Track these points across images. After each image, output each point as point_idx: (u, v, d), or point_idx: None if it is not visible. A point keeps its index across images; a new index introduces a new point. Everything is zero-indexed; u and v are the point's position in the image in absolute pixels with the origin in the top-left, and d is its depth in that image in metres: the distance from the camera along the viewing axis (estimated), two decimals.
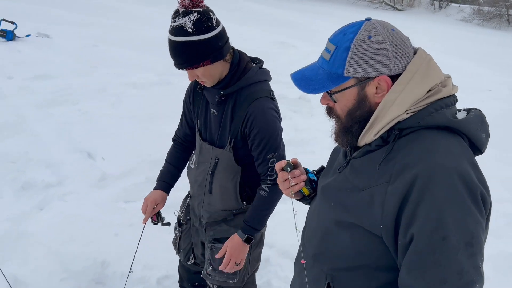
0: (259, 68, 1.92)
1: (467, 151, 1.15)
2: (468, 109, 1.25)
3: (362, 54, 1.15)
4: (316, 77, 1.22)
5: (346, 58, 1.16)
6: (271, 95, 1.90)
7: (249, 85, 1.87)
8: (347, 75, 1.17)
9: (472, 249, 1.06)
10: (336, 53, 1.18)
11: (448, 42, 13.43)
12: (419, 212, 1.07)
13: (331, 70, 1.19)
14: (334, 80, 1.19)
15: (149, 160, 4.29)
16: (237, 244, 1.94)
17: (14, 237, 3.04)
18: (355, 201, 1.20)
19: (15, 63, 6.50)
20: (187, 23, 1.69)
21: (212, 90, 1.88)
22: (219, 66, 1.81)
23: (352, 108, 1.22)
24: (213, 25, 1.72)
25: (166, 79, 6.84)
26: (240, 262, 1.97)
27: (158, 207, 2.15)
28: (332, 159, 1.46)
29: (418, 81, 1.16)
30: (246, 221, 1.94)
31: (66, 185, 3.77)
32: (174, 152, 2.22)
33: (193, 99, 2.05)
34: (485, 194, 1.10)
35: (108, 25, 10.13)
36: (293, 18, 15.03)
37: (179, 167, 2.22)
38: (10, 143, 4.19)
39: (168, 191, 2.18)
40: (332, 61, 1.19)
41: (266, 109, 1.85)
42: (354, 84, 1.19)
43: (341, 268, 1.26)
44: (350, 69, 1.16)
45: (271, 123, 1.86)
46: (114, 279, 2.80)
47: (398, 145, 1.17)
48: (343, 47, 1.17)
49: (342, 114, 1.25)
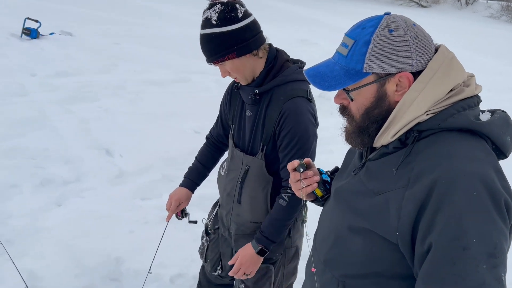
0: (298, 68, 1.82)
1: (491, 155, 1.07)
2: (492, 110, 1.16)
3: (383, 49, 1.09)
4: (332, 73, 1.14)
5: (365, 53, 1.09)
6: (309, 96, 1.77)
7: (286, 84, 1.76)
8: (366, 71, 1.10)
9: (494, 260, 0.98)
10: (354, 48, 1.11)
11: (475, 40, 13.11)
12: (438, 220, 1.00)
13: (348, 66, 1.12)
14: (352, 77, 1.11)
15: (166, 157, 4.30)
16: (248, 255, 1.83)
17: (32, 232, 3.08)
18: (370, 206, 1.14)
19: (38, 60, 6.61)
20: (212, 15, 1.66)
21: (247, 88, 1.80)
22: (249, 61, 1.73)
23: (370, 106, 1.14)
24: (238, 17, 1.66)
25: (185, 77, 6.86)
26: (250, 273, 1.86)
27: (182, 205, 2.13)
28: (347, 160, 1.40)
29: (439, 80, 1.09)
30: (261, 231, 1.82)
31: (83, 181, 3.80)
32: (205, 151, 2.18)
33: (230, 100, 1.98)
34: (509, 201, 1.02)
35: (130, 23, 10.24)
36: (315, 16, 14.92)
37: (208, 166, 2.18)
38: (30, 139, 4.25)
39: (193, 189, 2.15)
40: (350, 56, 1.11)
41: (302, 109, 1.72)
42: (374, 81, 1.11)
43: (353, 274, 1.20)
44: (370, 64, 1.09)
45: (304, 125, 1.72)
46: (128, 276, 2.80)
47: (417, 148, 1.10)
48: (362, 41, 1.10)
49: (358, 113, 1.17)
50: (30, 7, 9.84)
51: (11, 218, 3.19)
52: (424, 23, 1.32)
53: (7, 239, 2.94)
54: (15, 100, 5.10)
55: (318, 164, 1.58)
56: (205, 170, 2.17)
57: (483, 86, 1.22)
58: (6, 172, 3.67)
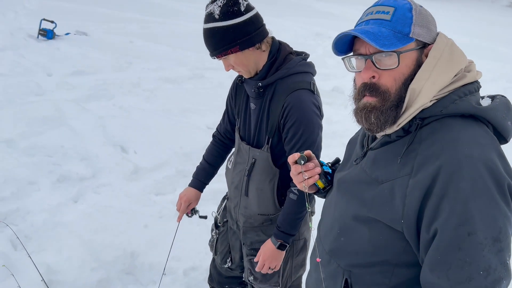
0: (302, 60, 1.82)
1: (494, 140, 1.08)
2: (492, 96, 1.17)
3: (423, 18, 1.11)
4: (382, 34, 1.08)
5: (412, 18, 1.09)
6: (312, 88, 1.77)
7: (289, 76, 1.76)
8: (412, 36, 1.09)
9: (499, 245, 0.99)
10: (398, 13, 1.10)
11: (495, 29, 12.84)
12: (443, 206, 1.00)
13: (395, 29, 1.09)
14: (401, 39, 1.08)
15: (180, 153, 4.34)
16: (270, 251, 1.87)
17: (50, 228, 3.14)
18: (374, 195, 1.14)
19: (55, 60, 6.72)
20: (215, 9, 1.67)
21: (251, 82, 1.81)
22: (252, 55, 1.74)
23: (409, 76, 1.10)
24: (241, 11, 1.67)
25: (199, 73, 6.90)
26: (274, 267, 1.91)
27: (192, 205, 2.18)
28: (349, 150, 1.40)
29: (443, 68, 1.09)
30: (278, 226, 1.86)
31: (99, 178, 3.86)
32: (212, 149, 2.20)
33: (235, 94, 2.00)
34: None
35: (145, 21, 10.33)
36: (329, 9, 14.82)
37: (215, 165, 2.20)
38: (48, 137, 4.33)
39: (202, 189, 2.19)
40: (396, 20, 1.09)
41: (306, 101, 1.73)
42: (416, 48, 1.11)
43: (359, 264, 1.20)
44: (416, 29, 1.10)
45: (309, 117, 1.73)
46: (143, 270, 2.85)
47: (420, 135, 1.10)
48: (405, 7, 1.10)
49: (395, 85, 1.10)
50: (46, 8, 10.01)
51: (29, 214, 3.26)
52: (442, 14, 1.32)
53: (25, 235, 3.02)
54: (33, 99, 5.20)
55: (332, 157, 1.58)
56: (213, 169, 2.20)
57: (503, 77, 1.21)
58: (25, 170, 3.75)
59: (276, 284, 2.00)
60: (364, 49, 1.12)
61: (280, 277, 1.98)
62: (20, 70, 6.12)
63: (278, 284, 2.00)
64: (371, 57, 1.10)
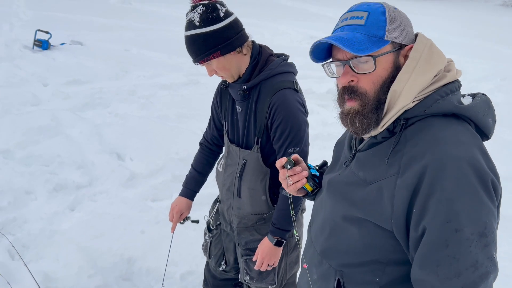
0: (283, 61, 1.87)
1: (476, 138, 1.10)
2: (473, 94, 1.19)
3: (397, 20, 1.13)
4: (357, 39, 1.10)
5: (385, 21, 1.11)
6: (295, 87, 1.83)
7: (272, 77, 1.81)
8: (387, 39, 1.11)
9: (485, 240, 1.01)
10: (371, 17, 1.12)
11: (488, 29, 12.91)
12: (430, 205, 1.02)
13: (370, 33, 1.11)
14: (375, 43, 1.10)
15: (176, 158, 4.35)
16: (267, 248, 1.90)
17: (47, 236, 3.15)
18: (363, 196, 1.16)
19: (50, 70, 6.75)
20: (195, 17, 1.71)
21: (235, 85, 1.85)
22: (234, 59, 1.78)
23: (387, 78, 1.12)
24: (220, 17, 1.71)
25: (194, 79, 6.93)
26: (273, 263, 1.94)
27: (184, 215, 2.21)
28: (336, 152, 1.41)
29: (422, 69, 1.11)
30: (273, 223, 1.89)
31: (96, 185, 3.88)
32: (200, 157, 2.23)
33: (221, 99, 2.04)
34: (495, 181, 1.05)
35: (139, 29, 10.37)
36: (324, 12, 14.89)
37: (204, 173, 2.22)
38: (44, 146, 4.35)
39: (192, 197, 2.22)
40: (370, 24, 1.11)
41: (290, 100, 1.78)
42: (392, 50, 1.13)
43: (350, 264, 1.22)
44: (390, 32, 1.11)
45: (295, 114, 1.78)
46: (140, 275, 2.86)
47: (405, 135, 1.12)
48: (378, 11, 1.12)
49: (373, 88, 1.13)
50: (41, 19, 10.06)
51: (26, 224, 3.28)
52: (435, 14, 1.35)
53: (23, 244, 3.03)
54: (29, 110, 5.23)
55: (328, 159, 1.59)
56: (202, 176, 2.22)
57: (497, 75, 1.23)
58: (21, 179, 3.76)
59: (272, 283, 2.02)
60: (342, 55, 1.15)
61: (276, 275, 2.00)
62: (15, 80, 6.14)
63: (274, 282, 2.02)
64: (348, 62, 1.13)
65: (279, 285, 2.05)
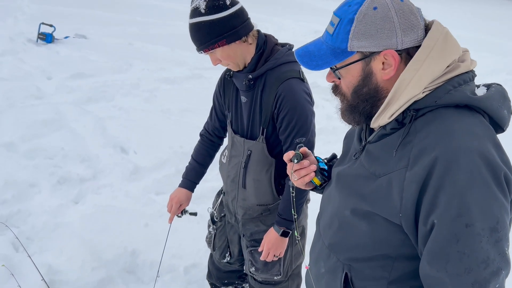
0: (288, 50, 1.85)
1: (489, 130, 1.06)
2: (487, 84, 1.15)
3: (366, 27, 1.07)
4: (319, 52, 1.14)
5: (349, 32, 1.09)
6: (301, 76, 1.81)
7: (278, 66, 1.79)
8: (351, 50, 1.10)
9: (497, 235, 0.98)
10: (339, 26, 1.11)
11: (494, 24, 12.81)
12: (440, 199, 1.00)
13: (334, 45, 1.12)
14: (338, 55, 1.11)
15: (180, 152, 4.35)
16: (274, 239, 1.90)
17: (51, 229, 3.16)
18: (372, 189, 1.13)
19: (54, 64, 6.74)
20: (200, 4, 1.68)
21: (240, 75, 1.83)
22: (239, 48, 1.76)
23: (358, 85, 1.14)
24: (226, 5, 1.69)
25: (198, 73, 6.91)
26: (279, 254, 1.94)
27: (183, 206, 2.18)
28: (346, 145, 1.40)
29: (436, 58, 1.07)
30: (279, 214, 1.89)
31: (100, 178, 3.88)
32: (200, 148, 2.21)
33: (224, 89, 2.01)
34: (509, 175, 1.01)
35: (143, 23, 10.35)
36: (328, 6, 14.81)
37: (204, 164, 2.20)
38: (48, 139, 4.35)
39: (192, 189, 2.19)
40: (336, 35, 1.11)
41: (297, 90, 1.77)
42: (359, 59, 1.11)
43: (358, 258, 1.20)
44: (354, 43, 1.09)
45: (301, 104, 1.77)
46: (144, 268, 2.86)
47: (414, 127, 1.09)
48: (346, 19, 1.10)
49: (348, 92, 1.17)
50: (45, 12, 10.04)
51: (31, 216, 3.28)
52: (443, 9, 1.31)
53: (27, 236, 3.04)
54: (33, 103, 5.22)
55: (331, 152, 1.57)
56: (202, 168, 2.20)
57: (504, 69, 1.20)
58: (26, 172, 3.76)
59: (278, 273, 2.01)
60: None
61: (281, 265, 2.00)
62: (20, 74, 6.14)
63: (280, 273, 2.01)
64: None
65: (284, 275, 2.04)
